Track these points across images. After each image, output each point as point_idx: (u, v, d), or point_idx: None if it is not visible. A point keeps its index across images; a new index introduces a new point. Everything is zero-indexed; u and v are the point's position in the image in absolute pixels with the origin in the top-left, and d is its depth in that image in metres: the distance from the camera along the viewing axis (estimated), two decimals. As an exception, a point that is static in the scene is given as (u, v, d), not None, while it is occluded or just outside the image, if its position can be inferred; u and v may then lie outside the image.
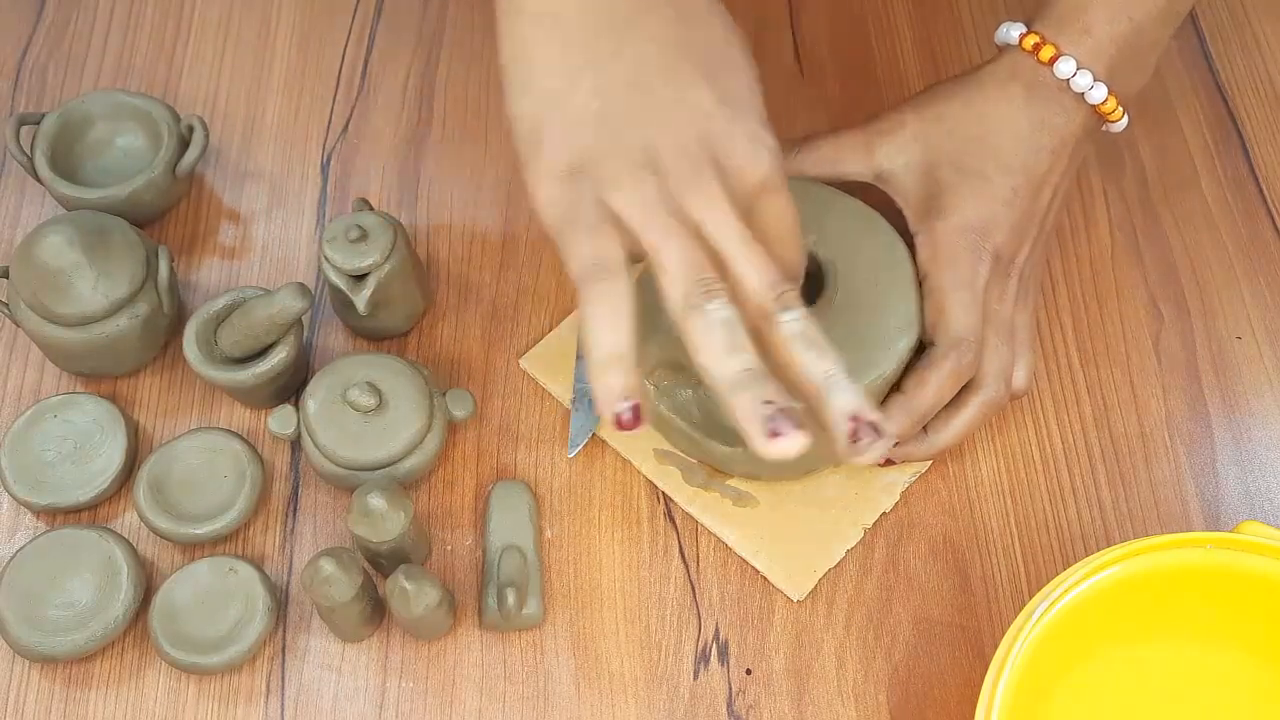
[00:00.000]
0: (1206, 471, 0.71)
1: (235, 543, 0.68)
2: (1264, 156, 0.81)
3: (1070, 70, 0.65)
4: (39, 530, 0.68)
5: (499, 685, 0.65)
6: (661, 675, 0.65)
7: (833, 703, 0.64)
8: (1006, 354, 0.67)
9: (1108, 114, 0.67)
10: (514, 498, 0.68)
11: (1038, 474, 0.70)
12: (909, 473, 0.70)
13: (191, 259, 0.76)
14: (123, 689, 0.64)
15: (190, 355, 0.67)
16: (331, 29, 0.84)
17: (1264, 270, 0.77)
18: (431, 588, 0.61)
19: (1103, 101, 0.66)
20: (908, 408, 0.64)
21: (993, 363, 0.66)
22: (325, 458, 0.66)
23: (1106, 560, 0.59)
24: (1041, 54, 0.66)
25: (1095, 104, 0.66)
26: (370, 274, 0.67)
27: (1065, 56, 0.65)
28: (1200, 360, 0.74)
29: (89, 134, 0.76)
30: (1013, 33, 0.67)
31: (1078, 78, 0.66)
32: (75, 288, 0.67)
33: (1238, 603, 0.61)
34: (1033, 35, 0.66)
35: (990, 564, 0.68)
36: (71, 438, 0.68)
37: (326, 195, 0.78)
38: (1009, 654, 0.57)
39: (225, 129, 0.81)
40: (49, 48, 0.83)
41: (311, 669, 0.65)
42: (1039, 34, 0.66)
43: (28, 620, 0.63)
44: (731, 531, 0.68)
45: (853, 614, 0.66)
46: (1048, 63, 0.66)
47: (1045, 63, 0.66)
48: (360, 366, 0.67)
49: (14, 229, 0.77)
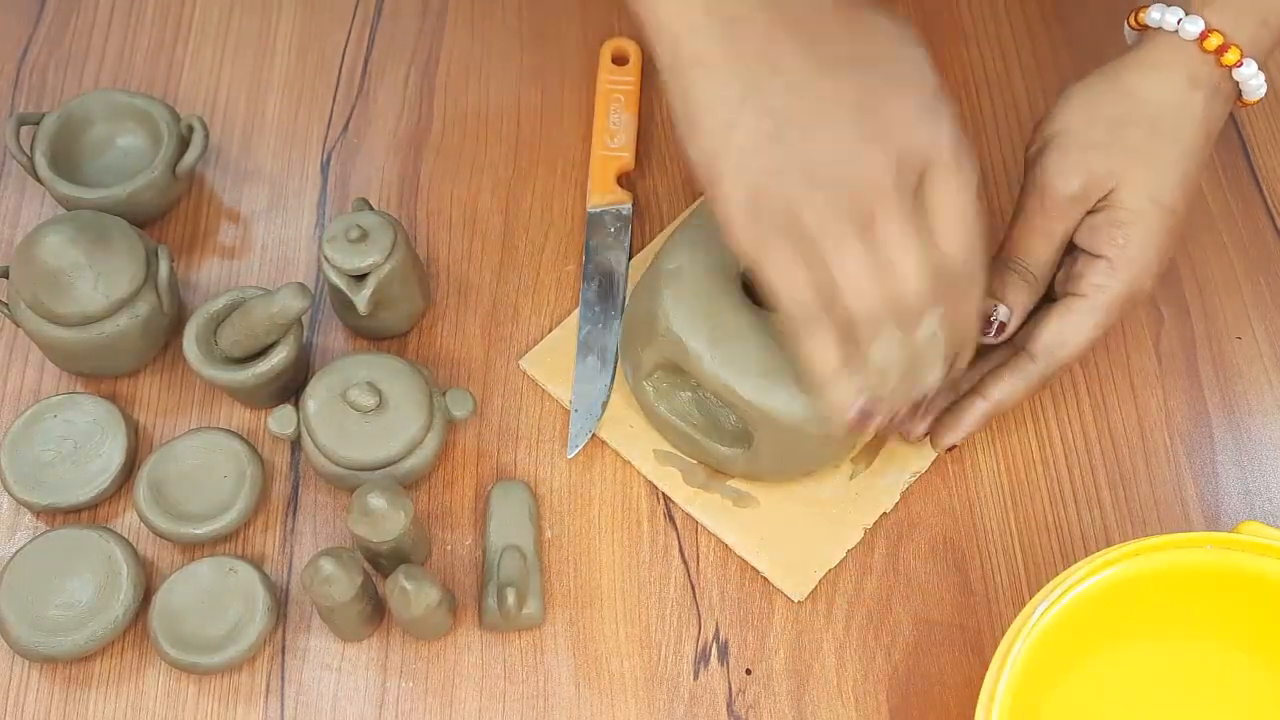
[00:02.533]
0: (1206, 471, 0.71)
1: (235, 543, 0.68)
2: (1264, 157, 0.81)
3: (1252, 74, 0.65)
4: (39, 530, 0.68)
5: (499, 685, 0.65)
6: (661, 675, 0.65)
7: (833, 703, 0.64)
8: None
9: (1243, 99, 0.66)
10: (514, 498, 0.68)
11: (1038, 474, 0.71)
12: (909, 472, 0.70)
13: (191, 259, 0.76)
14: (123, 689, 0.64)
15: (190, 355, 0.67)
16: (331, 29, 0.84)
17: (1264, 270, 0.77)
18: (431, 588, 0.61)
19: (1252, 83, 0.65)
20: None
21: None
22: (325, 458, 0.66)
23: (1106, 560, 0.59)
24: (1226, 58, 0.64)
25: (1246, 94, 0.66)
26: (370, 274, 0.67)
27: (1248, 60, 0.64)
28: (1200, 360, 0.74)
29: (89, 134, 0.76)
30: (1190, 28, 0.64)
31: (1253, 78, 0.65)
32: (75, 288, 0.67)
33: (1238, 603, 0.61)
34: (1216, 35, 0.64)
35: (990, 564, 0.68)
36: (71, 438, 0.68)
37: (326, 195, 0.78)
38: (1009, 654, 0.57)
39: (225, 129, 0.81)
40: (49, 48, 0.83)
41: (311, 669, 0.65)
42: (1220, 32, 0.64)
43: (28, 620, 0.63)
44: (731, 531, 0.68)
45: (853, 614, 0.66)
46: (1229, 64, 0.64)
47: (1225, 64, 0.64)
48: (360, 366, 0.67)
49: (14, 229, 0.77)
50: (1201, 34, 0.64)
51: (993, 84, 0.83)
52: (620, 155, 0.77)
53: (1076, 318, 0.65)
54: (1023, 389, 0.66)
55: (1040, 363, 0.65)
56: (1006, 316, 0.66)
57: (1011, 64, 0.84)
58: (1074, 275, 0.65)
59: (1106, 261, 0.64)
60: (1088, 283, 0.64)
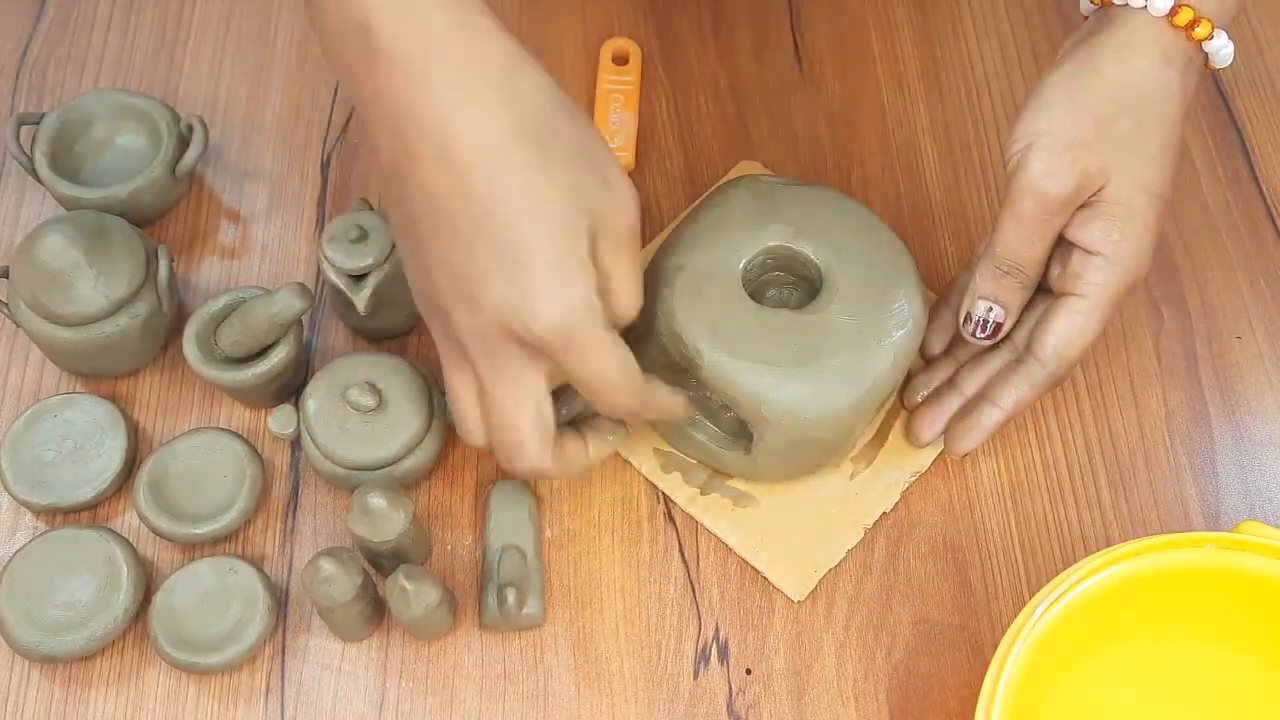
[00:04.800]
0: (1206, 471, 0.71)
1: (235, 543, 0.68)
2: (1264, 157, 0.81)
3: (1222, 44, 0.64)
4: (39, 530, 0.68)
5: (499, 685, 0.65)
6: (661, 675, 0.65)
7: (833, 703, 0.64)
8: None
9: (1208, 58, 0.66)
10: (514, 498, 0.68)
11: (1038, 474, 0.71)
12: (909, 473, 0.70)
13: (191, 259, 0.76)
14: (123, 689, 0.64)
15: (190, 355, 0.67)
16: (331, 29, 0.84)
17: (1264, 270, 0.77)
18: (431, 588, 0.61)
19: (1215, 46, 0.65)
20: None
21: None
22: (325, 458, 0.66)
23: (1106, 560, 0.59)
24: (1198, 32, 0.63)
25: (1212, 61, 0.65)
26: (370, 274, 0.67)
27: (1219, 31, 0.63)
28: (1200, 360, 0.74)
29: (89, 134, 0.76)
30: (1159, 4, 0.63)
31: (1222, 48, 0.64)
32: (75, 288, 0.67)
33: (1238, 603, 0.61)
34: (1186, 10, 0.63)
35: (990, 564, 0.68)
36: (71, 438, 0.68)
37: (326, 195, 0.78)
38: (1009, 654, 0.57)
39: (225, 129, 0.81)
40: (49, 48, 0.83)
41: (311, 669, 0.65)
42: (1189, 5, 0.63)
43: (28, 620, 0.63)
44: (731, 531, 0.68)
45: (853, 614, 0.66)
46: (1200, 38, 0.63)
47: (1197, 39, 0.63)
48: (360, 366, 0.67)
49: (14, 229, 0.77)
50: (1171, 9, 0.63)
51: (993, 84, 0.83)
52: (620, 155, 0.77)
53: (1081, 318, 0.65)
54: (1035, 393, 0.66)
55: (1050, 366, 0.65)
56: (1003, 318, 0.66)
57: (1011, 64, 0.84)
58: (1070, 274, 0.65)
59: (1103, 258, 0.64)
60: (1087, 281, 0.64)
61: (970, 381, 0.69)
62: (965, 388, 0.69)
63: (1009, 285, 0.65)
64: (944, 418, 0.69)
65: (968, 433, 0.68)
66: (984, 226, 0.78)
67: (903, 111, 0.82)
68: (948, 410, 0.69)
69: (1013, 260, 0.65)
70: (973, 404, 0.68)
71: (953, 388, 0.69)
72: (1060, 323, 0.65)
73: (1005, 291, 0.66)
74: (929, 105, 0.82)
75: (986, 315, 0.66)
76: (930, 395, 0.70)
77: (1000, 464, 0.71)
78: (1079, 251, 0.65)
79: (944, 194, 0.79)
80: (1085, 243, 0.64)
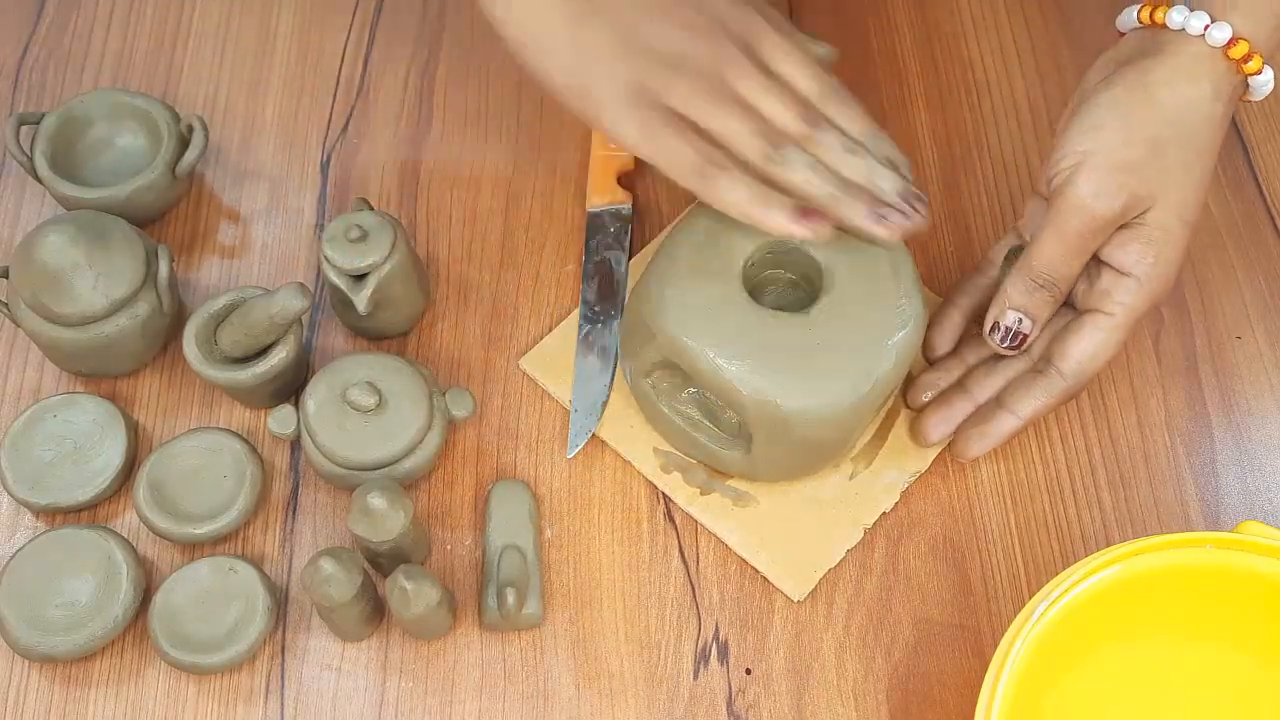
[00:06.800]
0: (1206, 471, 0.71)
1: (235, 542, 0.68)
2: (1264, 157, 0.81)
3: (1267, 80, 0.65)
4: (39, 530, 0.68)
5: (499, 685, 0.65)
6: (661, 675, 0.65)
7: (833, 703, 0.64)
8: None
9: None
10: (514, 498, 0.68)
11: (1038, 474, 0.71)
12: (909, 472, 0.70)
13: (191, 259, 0.76)
14: (123, 689, 0.64)
15: (190, 355, 0.67)
16: (331, 29, 0.84)
17: (1264, 270, 0.77)
18: (431, 588, 0.61)
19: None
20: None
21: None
22: (325, 458, 0.66)
23: (1106, 560, 0.59)
24: (1249, 66, 0.64)
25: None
26: (370, 274, 0.67)
27: (1267, 66, 0.64)
28: (1200, 360, 0.74)
29: (89, 134, 0.76)
30: (1217, 35, 0.63)
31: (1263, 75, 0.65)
32: (75, 288, 0.67)
33: (1238, 603, 0.61)
34: (1243, 43, 0.63)
35: (990, 564, 0.68)
36: (71, 438, 0.68)
37: (326, 195, 0.78)
38: (1009, 654, 0.57)
39: (225, 129, 0.81)
40: (49, 48, 0.83)
41: (311, 669, 0.65)
42: (1246, 39, 0.63)
43: (28, 620, 0.63)
44: (731, 531, 0.68)
45: (853, 614, 0.66)
46: (1251, 72, 0.64)
47: (1248, 72, 0.64)
48: (360, 366, 0.67)
49: (14, 229, 0.77)
50: (1229, 41, 0.63)
51: (993, 84, 0.83)
52: (620, 155, 0.77)
53: (1105, 335, 0.65)
54: (1051, 405, 0.67)
55: (1071, 380, 0.66)
56: (1030, 329, 0.66)
57: (1011, 64, 0.84)
58: (1099, 291, 0.65)
59: (1135, 280, 0.65)
60: (1116, 301, 0.65)
61: (983, 387, 0.69)
62: (977, 392, 0.69)
63: (1042, 299, 0.66)
64: (954, 420, 0.69)
65: (981, 439, 0.68)
66: (984, 226, 0.78)
67: (903, 111, 0.82)
68: (957, 413, 0.69)
69: (1049, 275, 0.65)
70: (987, 410, 0.68)
71: (963, 391, 0.69)
72: (1085, 338, 0.65)
73: (1037, 305, 0.66)
74: (929, 105, 0.82)
75: (1016, 326, 0.66)
76: (939, 397, 0.70)
77: (1000, 464, 0.71)
78: (1110, 270, 0.65)
79: (944, 194, 0.79)
80: (1120, 264, 0.65)
